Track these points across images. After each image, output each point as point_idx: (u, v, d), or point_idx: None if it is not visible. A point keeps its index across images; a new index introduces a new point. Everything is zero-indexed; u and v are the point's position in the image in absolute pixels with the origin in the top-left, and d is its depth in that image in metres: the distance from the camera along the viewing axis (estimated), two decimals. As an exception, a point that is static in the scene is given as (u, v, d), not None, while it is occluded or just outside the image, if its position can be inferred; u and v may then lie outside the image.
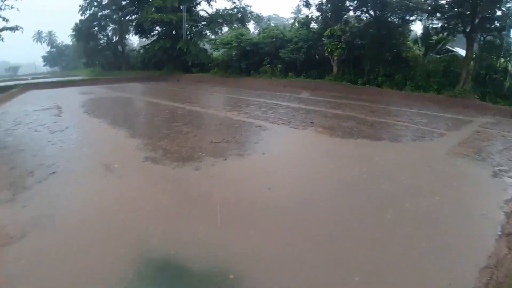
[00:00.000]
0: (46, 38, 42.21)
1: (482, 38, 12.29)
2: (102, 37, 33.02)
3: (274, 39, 19.39)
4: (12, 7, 20.30)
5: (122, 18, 28.96)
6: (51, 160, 5.55)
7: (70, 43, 37.66)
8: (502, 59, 12.31)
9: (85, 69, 35.34)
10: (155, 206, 3.89)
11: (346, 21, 16.67)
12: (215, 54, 24.81)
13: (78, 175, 4.93)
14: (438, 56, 14.52)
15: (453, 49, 14.98)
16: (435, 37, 14.12)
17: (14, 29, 20.89)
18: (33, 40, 41.48)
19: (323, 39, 16.18)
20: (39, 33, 41.86)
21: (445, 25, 12.54)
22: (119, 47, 32.59)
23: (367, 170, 5.02)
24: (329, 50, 15.71)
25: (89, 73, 31.37)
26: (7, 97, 15.62)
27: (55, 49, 41.51)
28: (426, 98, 12.40)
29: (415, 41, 15.67)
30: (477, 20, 11.47)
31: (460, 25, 12.08)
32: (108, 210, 3.82)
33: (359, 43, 16.52)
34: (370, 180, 4.63)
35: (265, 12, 75.40)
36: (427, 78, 13.15)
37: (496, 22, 11.99)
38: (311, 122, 8.29)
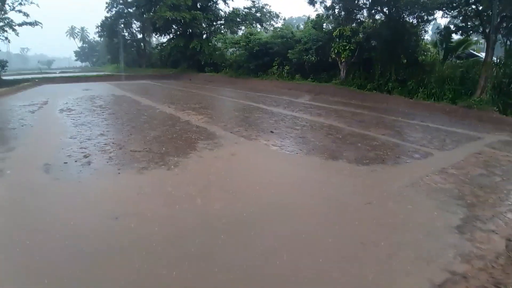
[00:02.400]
0: (78, 33, 43.81)
1: (508, 42, 10.33)
2: (127, 34, 33.53)
3: (284, 39, 18.26)
4: (31, 3, 20.75)
5: (144, 16, 29.10)
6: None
7: (100, 39, 38.93)
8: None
9: (110, 65, 36.21)
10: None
11: (359, 21, 15.18)
12: (229, 54, 24.13)
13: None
14: (459, 61, 12.59)
15: (478, 54, 12.93)
16: (455, 40, 12.26)
17: (33, 24, 21.36)
18: (67, 35, 43.27)
19: (337, 39, 14.84)
20: (72, 28, 43.58)
21: (462, 24, 10.69)
22: (141, 44, 32.93)
23: (266, 202, 3.82)
24: (335, 51, 14.33)
25: (112, 69, 32.06)
26: (13, 91, 15.91)
27: (86, 45, 43.06)
28: (437, 108, 10.69)
29: (435, 44, 13.83)
30: (498, 20, 9.61)
31: (478, 25, 10.22)
32: None
33: (372, 44, 14.98)
34: (255, 219, 3.45)
35: (295, 14, 73.96)
36: (442, 85, 11.37)
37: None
38: (271, 132, 7.16)
